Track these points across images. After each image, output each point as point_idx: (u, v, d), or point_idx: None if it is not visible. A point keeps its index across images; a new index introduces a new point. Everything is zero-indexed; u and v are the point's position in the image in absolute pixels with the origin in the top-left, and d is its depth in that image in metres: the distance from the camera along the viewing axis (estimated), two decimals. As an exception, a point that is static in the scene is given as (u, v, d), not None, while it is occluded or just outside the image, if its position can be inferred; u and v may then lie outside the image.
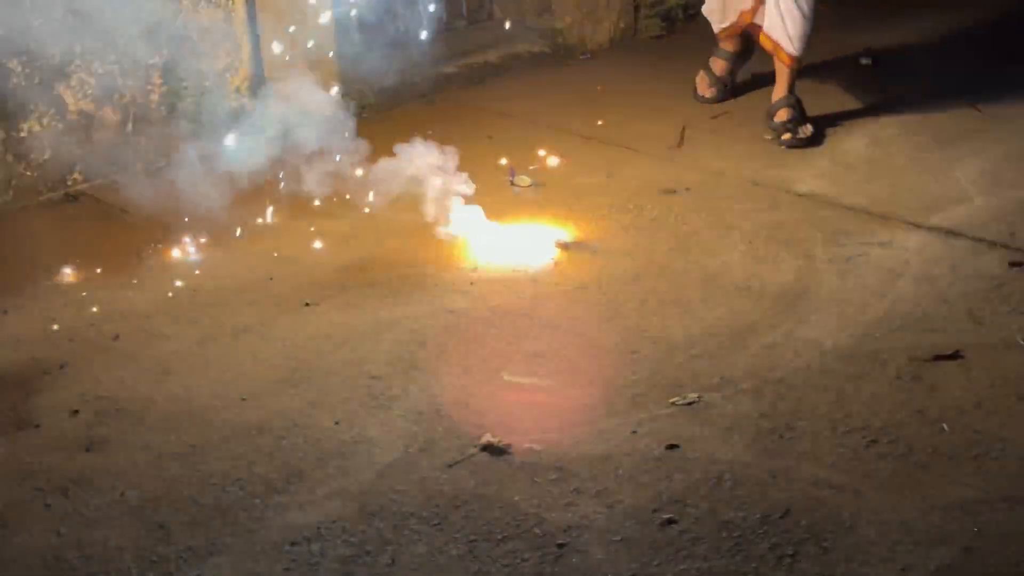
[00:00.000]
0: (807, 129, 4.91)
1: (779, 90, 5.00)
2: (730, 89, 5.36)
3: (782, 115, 4.95)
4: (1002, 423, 3.18)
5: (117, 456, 3.21)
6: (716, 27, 5.28)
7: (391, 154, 4.50)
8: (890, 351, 3.51)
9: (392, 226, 4.34)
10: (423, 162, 4.48)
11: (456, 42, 6.01)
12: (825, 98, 5.25)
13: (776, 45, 4.93)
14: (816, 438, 3.15)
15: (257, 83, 5.00)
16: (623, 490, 2.99)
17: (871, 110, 5.19)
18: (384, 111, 5.36)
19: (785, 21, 4.86)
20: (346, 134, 4.71)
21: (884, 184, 4.56)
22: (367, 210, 4.44)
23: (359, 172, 4.53)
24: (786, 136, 4.90)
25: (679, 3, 6.42)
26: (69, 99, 4.59)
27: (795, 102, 4.95)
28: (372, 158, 4.55)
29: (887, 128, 5.04)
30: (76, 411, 3.40)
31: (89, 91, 4.62)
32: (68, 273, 4.12)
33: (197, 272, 4.12)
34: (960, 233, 4.16)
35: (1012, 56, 5.71)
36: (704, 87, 5.36)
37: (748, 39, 5.24)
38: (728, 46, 5.32)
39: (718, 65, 5.35)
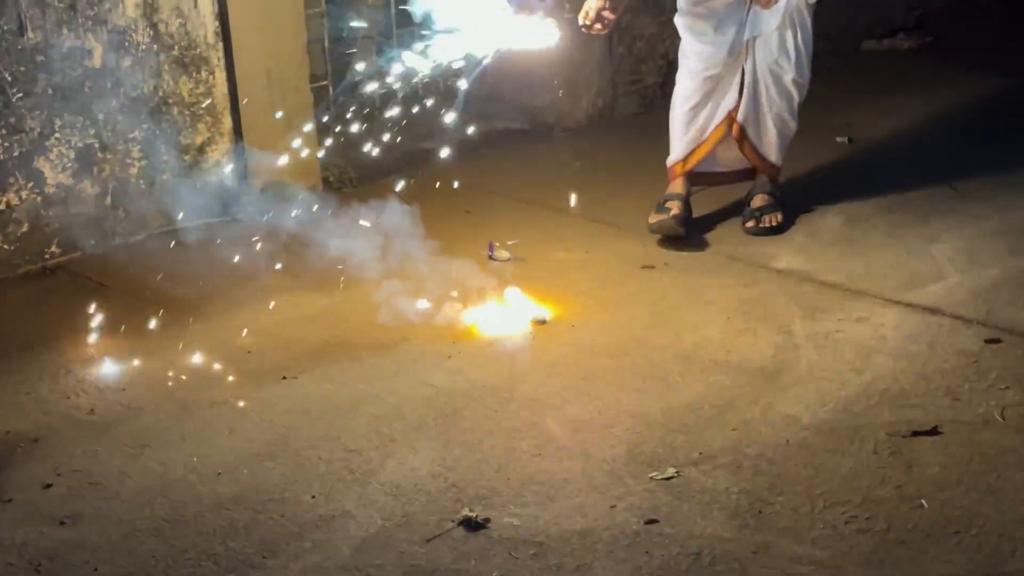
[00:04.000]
0: (776, 218, 4.88)
1: (761, 177, 4.99)
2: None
3: (757, 200, 4.95)
4: (981, 499, 3.17)
5: (91, 531, 3.17)
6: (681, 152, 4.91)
7: (369, 229, 4.52)
8: (868, 427, 3.51)
9: (370, 301, 4.33)
10: (401, 238, 4.50)
11: (435, 117, 6.05)
12: (802, 176, 5.30)
13: (764, 162, 4.93)
14: (795, 514, 3.14)
15: (238, 157, 5.01)
16: (602, 565, 2.96)
17: (848, 188, 5.23)
18: (364, 186, 5.38)
19: (777, 136, 4.86)
20: (325, 210, 4.74)
21: (861, 261, 4.59)
22: (345, 285, 4.43)
23: (337, 247, 4.54)
24: (750, 224, 4.90)
25: (656, 82, 6.50)
26: (48, 172, 4.59)
27: (773, 189, 4.95)
28: (350, 233, 4.56)
29: (863, 206, 5.09)
30: (49, 485, 3.36)
31: (68, 165, 4.63)
32: (43, 346, 4.09)
33: (174, 346, 4.10)
34: (937, 310, 4.18)
35: (987, 137, 5.79)
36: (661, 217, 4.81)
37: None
38: (679, 187, 4.91)
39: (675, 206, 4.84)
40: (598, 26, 4.53)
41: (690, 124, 4.88)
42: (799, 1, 4.70)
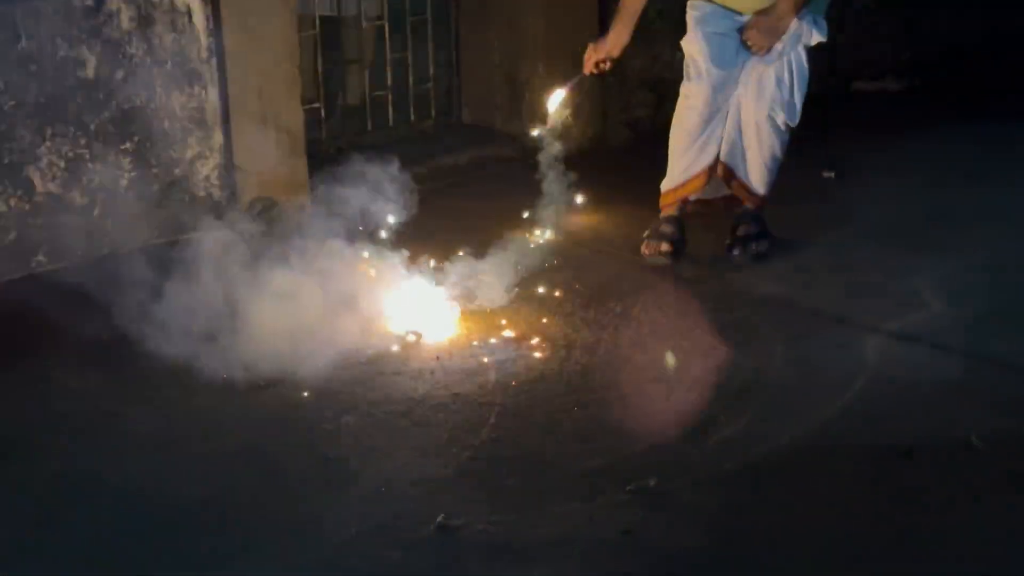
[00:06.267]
0: (762, 246, 4.94)
1: (747, 205, 5.01)
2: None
3: (743, 228, 4.98)
4: (957, 519, 3.19)
5: (67, 534, 3.16)
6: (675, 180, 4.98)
7: (356, 247, 4.53)
8: (847, 447, 3.52)
9: (356, 317, 4.33)
10: (389, 256, 4.52)
11: (425, 143, 6.09)
12: (788, 207, 5.32)
13: (752, 195, 4.96)
14: (772, 528, 3.15)
15: (228, 172, 5.02)
16: (578, 572, 2.96)
17: (833, 220, 5.27)
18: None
19: (767, 172, 4.90)
20: (312, 227, 4.74)
21: (844, 290, 4.61)
22: (331, 300, 4.42)
23: (324, 264, 4.54)
24: (736, 251, 4.92)
25: (647, 114, 6.54)
26: (37, 181, 4.60)
27: (759, 218, 4.98)
28: (338, 251, 4.57)
29: (848, 238, 5.11)
30: (27, 488, 3.36)
31: (58, 174, 4.64)
32: (24, 352, 4.09)
33: (154, 354, 4.08)
34: (919, 338, 4.20)
35: (971, 174, 5.84)
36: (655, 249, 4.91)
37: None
38: (674, 210, 4.99)
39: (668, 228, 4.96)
40: (604, 66, 4.91)
41: (687, 152, 4.91)
42: (797, 44, 4.72)
